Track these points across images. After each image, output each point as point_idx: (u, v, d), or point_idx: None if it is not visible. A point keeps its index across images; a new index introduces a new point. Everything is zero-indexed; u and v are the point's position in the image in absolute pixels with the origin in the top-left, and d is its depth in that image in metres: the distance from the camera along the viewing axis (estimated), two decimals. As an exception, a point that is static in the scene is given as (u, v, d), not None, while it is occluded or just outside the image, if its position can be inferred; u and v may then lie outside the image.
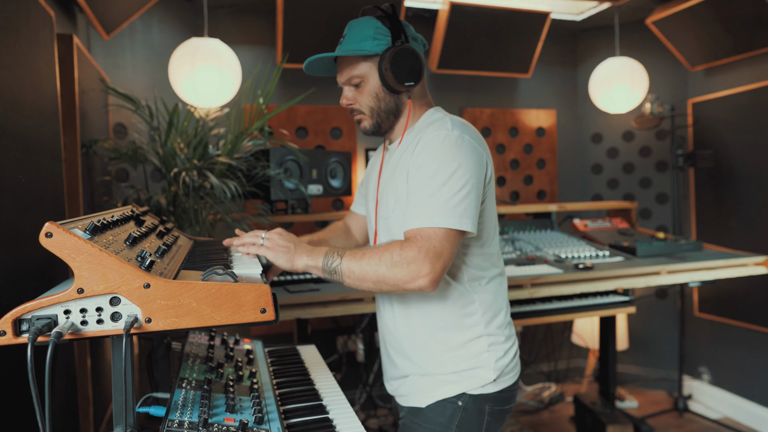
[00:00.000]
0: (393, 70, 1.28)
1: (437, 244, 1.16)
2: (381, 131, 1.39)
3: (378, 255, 1.18)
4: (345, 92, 1.37)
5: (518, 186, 3.95)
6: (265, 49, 3.32)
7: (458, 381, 1.33)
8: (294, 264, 1.22)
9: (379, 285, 1.18)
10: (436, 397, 1.35)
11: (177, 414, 1.00)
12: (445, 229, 1.18)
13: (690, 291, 3.74)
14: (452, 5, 3.25)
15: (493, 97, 3.89)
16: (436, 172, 1.21)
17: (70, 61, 1.98)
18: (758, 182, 3.25)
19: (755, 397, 3.37)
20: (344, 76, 1.35)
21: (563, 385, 3.91)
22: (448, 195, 1.19)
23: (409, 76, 1.29)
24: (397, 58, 1.27)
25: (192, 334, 1.51)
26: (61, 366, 1.68)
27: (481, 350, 1.33)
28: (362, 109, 1.36)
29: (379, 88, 1.32)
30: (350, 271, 1.19)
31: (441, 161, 1.21)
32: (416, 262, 1.15)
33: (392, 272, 1.16)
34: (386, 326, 1.45)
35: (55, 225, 0.86)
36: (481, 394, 1.33)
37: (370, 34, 1.29)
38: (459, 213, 1.19)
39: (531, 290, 2.29)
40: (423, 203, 1.20)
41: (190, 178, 2.23)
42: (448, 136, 1.24)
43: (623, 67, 3.47)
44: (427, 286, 1.16)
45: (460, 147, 1.23)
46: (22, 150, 1.39)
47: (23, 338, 0.86)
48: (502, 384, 1.35)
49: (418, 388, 1.38)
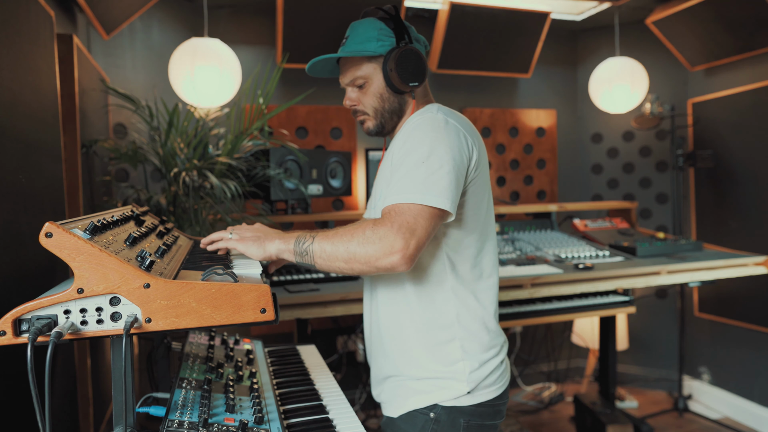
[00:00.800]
0: (398, 70, 1.28)
1: (410, 219, 1.11)
2: (384, 131, 1.39)
3: (350, 232, 1.14)
4: (348, 93, 1.37)
5: (518, 186, 3.95)
6: (265, 49, 3.32)
7: (430, 391, 1.28)
8: (266, 250, 1.19)
9: (350, 264, 1.13)
10: (407, 407, 1.31)
11: (177, 414, 1.00)
12: (420, 205, 1.13)
13: (690, 291, 3.74)
14: (452, 5, 3.25)
15: (493, 97, 3.89)
16: (414, 150, 1.19)
17: (70, 61, 1.98)
18: (758, 182, 3.25)
19: (755, 397, 3.37)
20: (348, 77, 1.35)
21: (563, 385, 3.91)
22: (425, 173, 1.16)
23: (413, 76, 1.29)
24: (401, 59, 1.28)
25: (192, 334, 1.51)
26: (61, 366, 1.68)
27: (454, 359, 1.28)
28: (366, 110, 1.35)
29: (383, 88, 1.32)
30: (321, 250, 1.15)
31: (420, 141, 1.20)
32: (388, 237, 1.09)
33: (363, 248, 1.11)
34: (369, 322, 1.43)
35: (55, 225, 0.86)
36: (454, 406, 1.27)
37: (374, 35, 1.29)
38: (436, 191, 1.14)
39: (531, 290, 2.29)
40: (399, 180, 1.18)
41: (190, 178, 2.23)
42: (430, 118, 1.24)
43: (623, 67, 3.47)
44: (399, 263, 1.09)
45: (441, 128, 1.22)
46: (22, 150, 1.39)
47: (23, 338, 0.86)
48: (481, 398, 1.29)
49: (393, 395, 1.35)
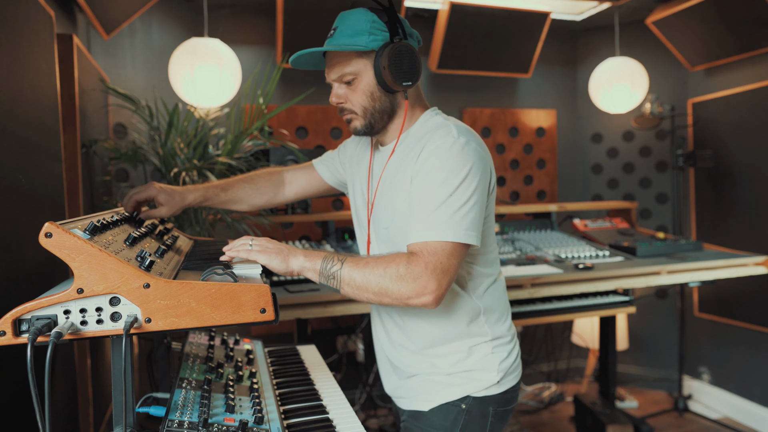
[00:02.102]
0: (391, 68, 1.20)
1: (444, 260, 1.13)
2: (373, 132, 1.31)
3: (383, 266, 1.13)
4: (335, 89, 1.28)
5: (518, 186, 3.95)
6: (265, 49, 3.32)
7: (462, 383, 1.32)
8: (289, 265, 1.16)
9: (380, 297, 1.14)
10: (439, 401, 1.32)
11: (177, 414, 1.00)
12: (452, 243, 1.14)
13: (690, 291, 3.74)
14: (452, 5, 3.25)
15: (493, 97, 3.89)
16: (442, 183, 1.16)
17: (70, 61, 1.98)
18: (758, 182, 3.25)
19: (755, 397, 3.37)
20: (335, 73, 1.26)
21: (563, 385, 3.91)
22: (454, 207, 1.15)
23: (407, 75, 1.22)
24: (395, 56, 1.20)
25: (192, 334, 1.51)
26: (61, 366, 1.68)
27: (485, 353, 1.32)
28: (354, 109, 1.27)
29: (374, 86, 1.24)
30: (351, 279, 1.14)
31: (448, 171, 1.16)
32: (422, 278, 1.11)
33: (396, 286, 1.11)
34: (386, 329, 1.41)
35: (54, 225, 0.86)
36: (485, 396, 1.31)
37: (366, 28, 1.20)
38: (465, 226, 1.15)
39: (531, 290, 2.29)
40: (429, 215, 1.15)
41: (190, 178, 2.23)
42: (454, 144, 1.18)
43: (623, 67, 3.47)
44: (430, 303, 1.13)
45: (468, 156, 1.17)
46: (22, 150, 1.39)
47: (23, 338, 0.86)
48: (506, 385, 1.34)
49: (420, 390, 1.36)
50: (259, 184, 1.61)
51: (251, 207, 1.63)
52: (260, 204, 1.63)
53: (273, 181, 1.63)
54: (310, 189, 1.64)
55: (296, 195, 1.64)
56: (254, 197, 1.60)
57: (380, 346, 1.46)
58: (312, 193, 1.65)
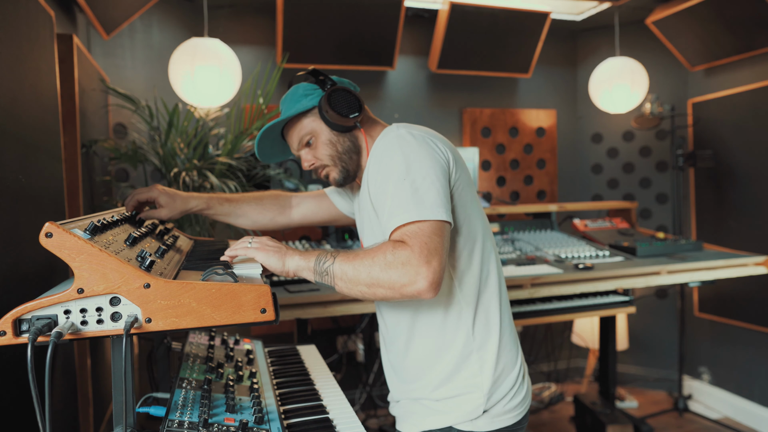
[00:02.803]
0: (334, 108, 1.28)
1: (428, 240, 1.07)
2: (350, 176, 1.35)
3: (371, 256, 1.09)
4: (303, 156, 1.36)
5: (518, 186, 3.94)
6: (265, 49, 3.32)
7: (446, 412, 1.25)
8: (285, 264, 1.16)
9: (373, 289, 1.09)
10: (421, 427, 1.28)
11: (177, 414, 1.00)
12: (426, 222, 1.09)
13: (690, 291, 3.74)
14: (452, 5, 3.25)
15: (493, 97, 3.89)
16: (391, 172, 1.16)
17: (70, 61, 1.98)
18: (758, 182, 3.25)
19: (755, 397, 3.37)
20: (295, 140, 1.35)
21: (563, 385, 3.91)
22: (410, 189, 1.12)
23: (350, 108, 1.29)
24: (332, 98, 1.29)
25: (192, 334, 1.51)
26: (61, 366, 1.68)
27: (472, 375, 1.24)
28: (324, 162, 1.33)
29: (329, 133, 1.32)
30: (343, 273, 1.11)
31: (394, 160, 1.17)
32: (411, 262, 1.05)
33: (387, 274, 1.06)
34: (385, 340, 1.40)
35: (55, 225, 0.86)
36: (470, 430, 1.24)
37: (302, 93, 1.32)
38: (428, 203, 1.11)
39: (531, 290, 2.29)
40: (391, 203, 1.14)
41: (190, 178, 2.23)
42: (394, 136, 1.21)
43: (623, 67, 3.47)
44: (425, 290, 1.04)
45: (406, 143, 1.18)
46: (22, 150, 1.39)
47: (23, 338, 0.86)
48: (499, 423, 1.24)
49: (408, 412, 1.33)
50: (264, 202, 1.62)
51: (253, 224, 1.63)
52: (262, 223, 1.63)
53: (279, 202, 1.63)
54: (318, 214, 1.64)
55: (302, 218, 1.65)
56: (257, 214, 1.61)
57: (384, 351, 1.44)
58: (319, 219, 1.65)
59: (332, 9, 3.01)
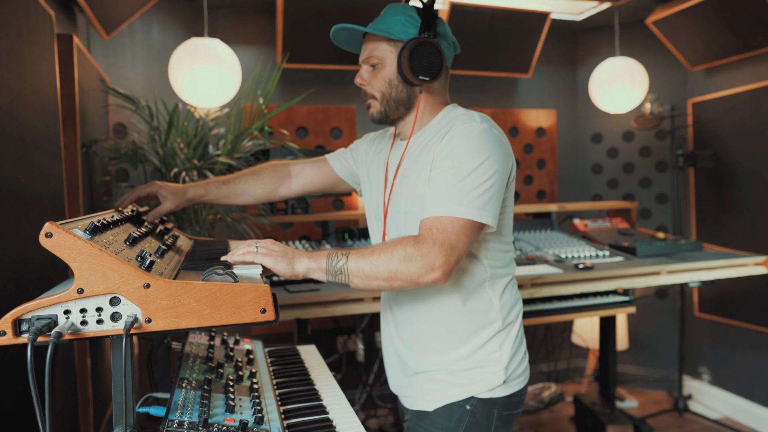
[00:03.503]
0: (410, 59, 1.24)
1: (453, 237, 1.13)
2: (388, 120, 1.35)
3: (389, 250, 1.13)
4: (361, 71, 1.34)
5: (518, 186, 3.94)
6: (265, 49, 3.32)
7: (467, 384, 1.31)
8: (294, 268, 1.15)
9: (390, 282, 1.14)
10: (444, 401, 1.32)
11: (177, 414, 1.00)
12: (464, 220, 1.15)
13: (690, 291, 3.74)
14: (452, 5, 3.25)
15: (493, 97, 3.89)
16: (462, 162, 1.18)
17: (70, 61, 1.98)
18: (758, 182, 3.25)
19: (755, 397, 3.37)
20: (365, 54, 1.33)
21: (563, 385, 3.91)
22: (471, 186, 1.16)
23: (426, 70, 1.26)
24: (417, 50, 1.24)
25: (192, 334, 1.51)
26: (61, 366, 1.68)
27: (492, 351, 1.31)
28: (374, 93, 1.33)
29: (393, 74, 1.30)
30: (359, 269, 1.14)
31: (469, 152, 1.19)
32: (430, 254, 1.11)
33: (405, 267, 1.12)
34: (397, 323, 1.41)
35: (55, 225, 0.86)
36: (490, 398, 1.31)
37: (401, 20, 1.28)
38: (480, 205, 1.16)
39: (531, 290, 2.29)
40: (444, 191, 1.17)
41: (190, 178, 2.23)
42: (476, 128, 1.22)
43: (623, 67, 3.47)
44: (440, 278, 1.13)
45: (488, 140, 1.20)
46: (22, 150, 1.39)
47: (23, 338, 0.86)
48: (512, 388, 1.33)
49: (425, 389, 1.35)
50: (262, 175, 1.59)
51: (254, 199, 1.61)
52: (263, 196, 1.60)
53: (277, 172, 1.61)
54: (318, 182, 1.62)
55: (302, 188, 1.63)
56: (256, 189, 1.59)
57: (389, 340, 1.45)
58: (319, 187, 1.64)
59: (332, 9, 3.01)
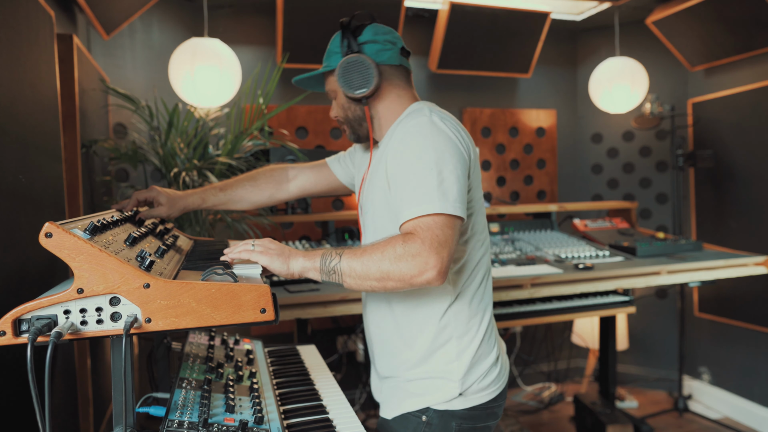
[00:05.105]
0: (342, 81, 1.28)
1: (439, 233, 1.10)
2: (361, 138, 1.39)
3: (380, 250, 1.11)
4: (332, 105, 1.41)
5: (518, 186, 3.94)
6: (265, 49, 3.32)
7: (422, 394, 1.28)
8: (290, 267, 1.15)
9: (383, 282, 1.11)
10: (401, 410, 1.30)
11: (177, 414, 1.00)
12: (443, 216, 1.12)
13: (690, 291, 3.74)
14: (452, 5, 3.25)
15: (493, 97, 3.89)
16: (419, 158, 1.17)
17: (70, 61, 1.98)
18: (758, 182, 3.25)
19: (755, 397, 3.36)
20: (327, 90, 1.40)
21: (563, 385, 3.91)
22: (437, 180, 1.14)
23: (360, 83, 1.28)
24: (343, 70, 1.27)
25: (192, 334, 1.51)
26: (61, 366, 1.68)
27: (448, 361, 1.27)
28: (340, 120, 1.38)
29: (344, 99, 1.34)
30: (351, 269, 1.12)
31: (423, 146, 1.17)
32: (422, 254, 1.08)
33: (397, 267, 1.09)
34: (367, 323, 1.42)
35: (54, 225, 0.86)
36: (446, 410, 1.26)
37: (335, 49, 1.32)
38: (452, 198, 1.14)
39: (531, 290, 2.29)
40: (413, 191, 1.15)
41: (190, 178, 2.23)
42: (425, 122, 1.21)
43: (623, 67, 3.47)
44: (435, 278, 1.09)
45: (440, 132, 1.19)
46: (22, 150, 1.39)
47: (23, 338, 0.86)
48: (474, 401, 1.28)
49: (388, 396, 1.35)
50: (259, 181, 1.60)
51: (252, 205, 1.61)
52: (261, 201, 1.61)
53: (275, 177, 1.61)
54: (317, 185, 1.63)
55: (300, 191, 1.63)
56: (254, 195, 1.59)
57: (369, 346, 1.45)
58: (317, 190, 1.64)
59: (332, 9, 3.01)
